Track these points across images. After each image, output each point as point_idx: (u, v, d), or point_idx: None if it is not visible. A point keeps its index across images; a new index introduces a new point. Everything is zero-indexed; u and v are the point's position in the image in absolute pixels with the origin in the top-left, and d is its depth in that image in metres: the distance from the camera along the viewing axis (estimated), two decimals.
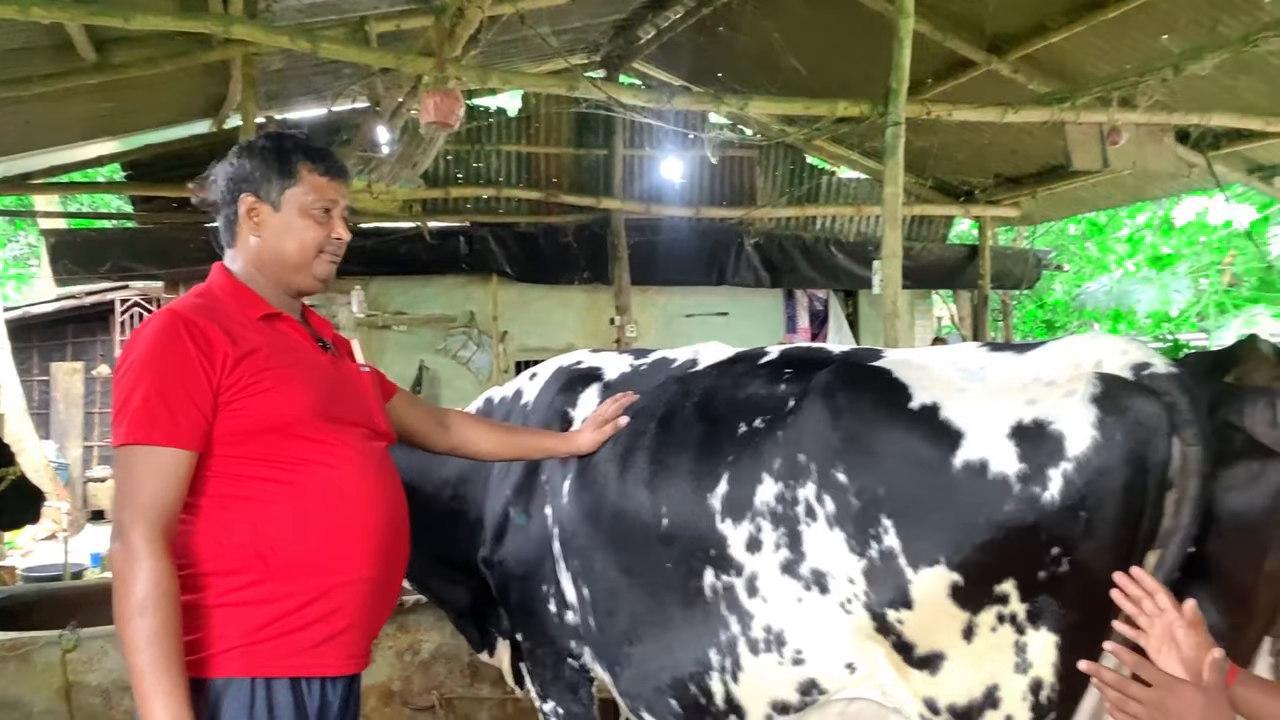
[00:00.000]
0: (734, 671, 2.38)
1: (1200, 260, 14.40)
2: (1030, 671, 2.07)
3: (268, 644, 2.02)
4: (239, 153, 2.27)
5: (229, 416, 2.04)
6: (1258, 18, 6.61)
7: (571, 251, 10.14)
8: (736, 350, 2.88)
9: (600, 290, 10.44)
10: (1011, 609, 2.06)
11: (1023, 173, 10.46)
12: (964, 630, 2.10)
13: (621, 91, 5.86)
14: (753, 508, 2.33)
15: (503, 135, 10.15)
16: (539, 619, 2.94)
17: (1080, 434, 2.00)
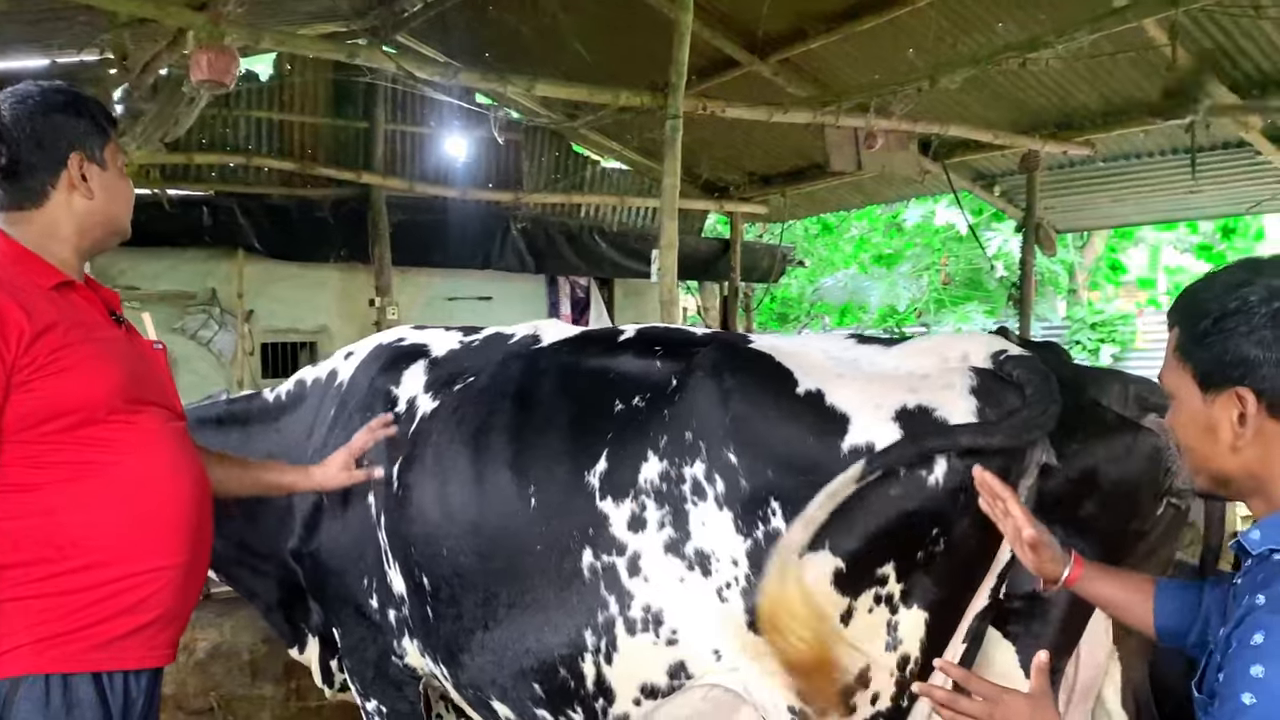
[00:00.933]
0: (608, 653, 2.35)
1: (921, 261, 15.79)
2: (900, 649, 2.16)
3: (65, 638, 1.89)
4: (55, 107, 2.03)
5: (24, 399, 1.86)
6: (992, 40, 7.28)
7: (328, 228, 9.63)
8: (582, 329, 2.84)
9: (358, 270, 9.99)
10: (888, 590, 2.13)
11: (774, 172, 10.99)
12: (843, 615, 2.15)
13: (404, 64, 5.62)
14: (637, 485, 2.30)
15: (253, 100, 9.48)
16: (359, 615, 2.78)
17: (963, 420, 2.11)
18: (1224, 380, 1.46)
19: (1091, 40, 5.95)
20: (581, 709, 2.44)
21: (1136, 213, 10.05)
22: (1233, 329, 1.43)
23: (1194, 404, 1.51)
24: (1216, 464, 1.51)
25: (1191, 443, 1.54)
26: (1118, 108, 7.91)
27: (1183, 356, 1.51)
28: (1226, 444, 1.48)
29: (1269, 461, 1.45)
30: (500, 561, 2.47)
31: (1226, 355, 1.44)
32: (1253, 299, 1.42)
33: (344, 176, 9.60)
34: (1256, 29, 6.32)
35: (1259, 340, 1.41)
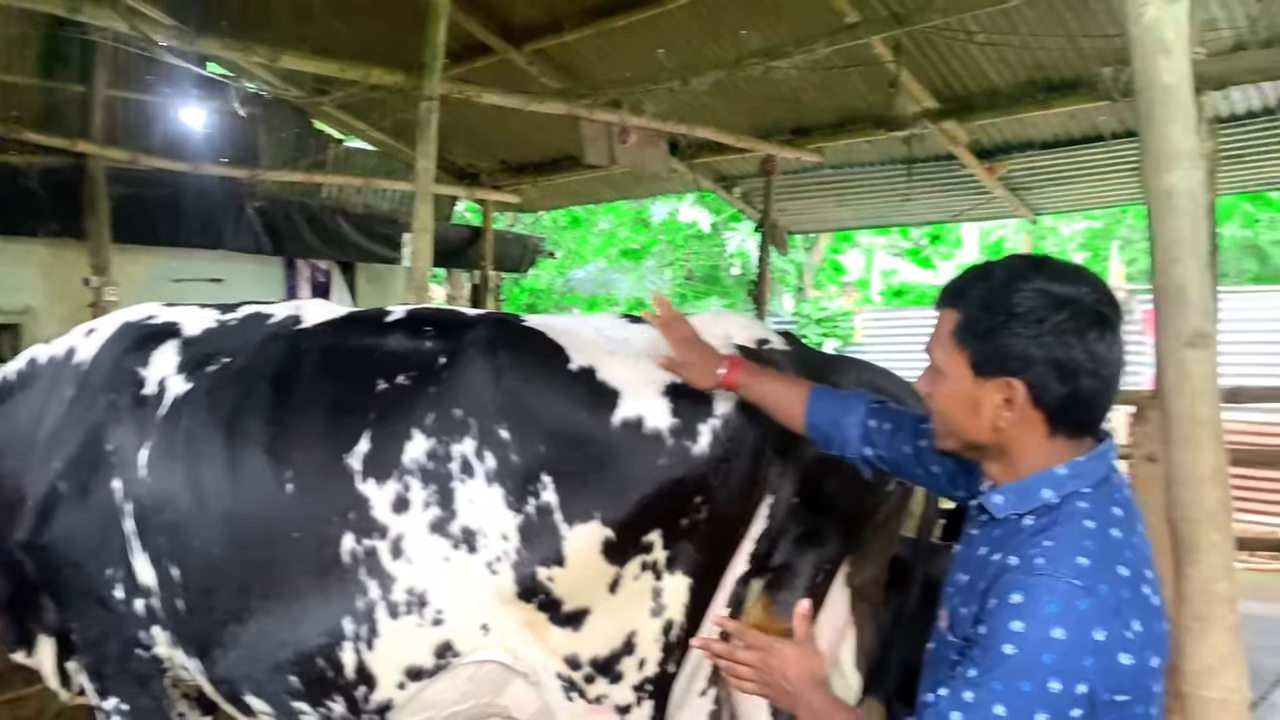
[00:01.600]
0: (370, 639, 2.31)
1: (665, 256, 16.32)
2: (664, 614, 2.27)
3: None
4: None
5: None
6: (737, 47, 7.63)
7: (35, 198, 8.67)
8: (347, 309, 2.76)
9: (68, 246, 9.09)
10: (654, 557, 2.24)
11: (526, 161, 11.00)
12: (611, 583, 2.23)
13: (139, 25, 5.18)
14: (400, 466, 2.27)
15: None
16: (101, 608, 2.60)
17: (726, 395, 2.24)
18: (999, 370, 1.60)
19: (826, 53, 6.38)
20: (342, 698, 2.39)
21: (858, 217, 10.84)
22: (1018, 330, 1.57)
23: (963, 383, 1.65)
24: (971, 434, 1.67)
25: (951, 413, 1.70)
26: (846, 118, 8.50)
27: (961, 341, 1.65)
28: (987, 421, 1.63)
29: (1021, 441, 1.63)
30: (255, 550, 2.39)
31: (1007, 350, 1.59)
32: (1040, 306, 1.57)
33: (56, 143, 8.68)
34: (966, 53, 6.99)
35: (1040, 344, 1.56)
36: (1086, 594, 1.46)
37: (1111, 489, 1.61)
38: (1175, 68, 1.87)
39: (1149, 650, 1.48)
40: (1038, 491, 1.61)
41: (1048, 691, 1.44)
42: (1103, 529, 1.54)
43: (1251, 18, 5.66)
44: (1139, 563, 1.53)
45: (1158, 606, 1.53)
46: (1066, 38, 6.37)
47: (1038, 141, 8.20)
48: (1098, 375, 1.57)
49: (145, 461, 2.52)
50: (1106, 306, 1.59)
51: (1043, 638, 1.45)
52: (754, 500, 2.31)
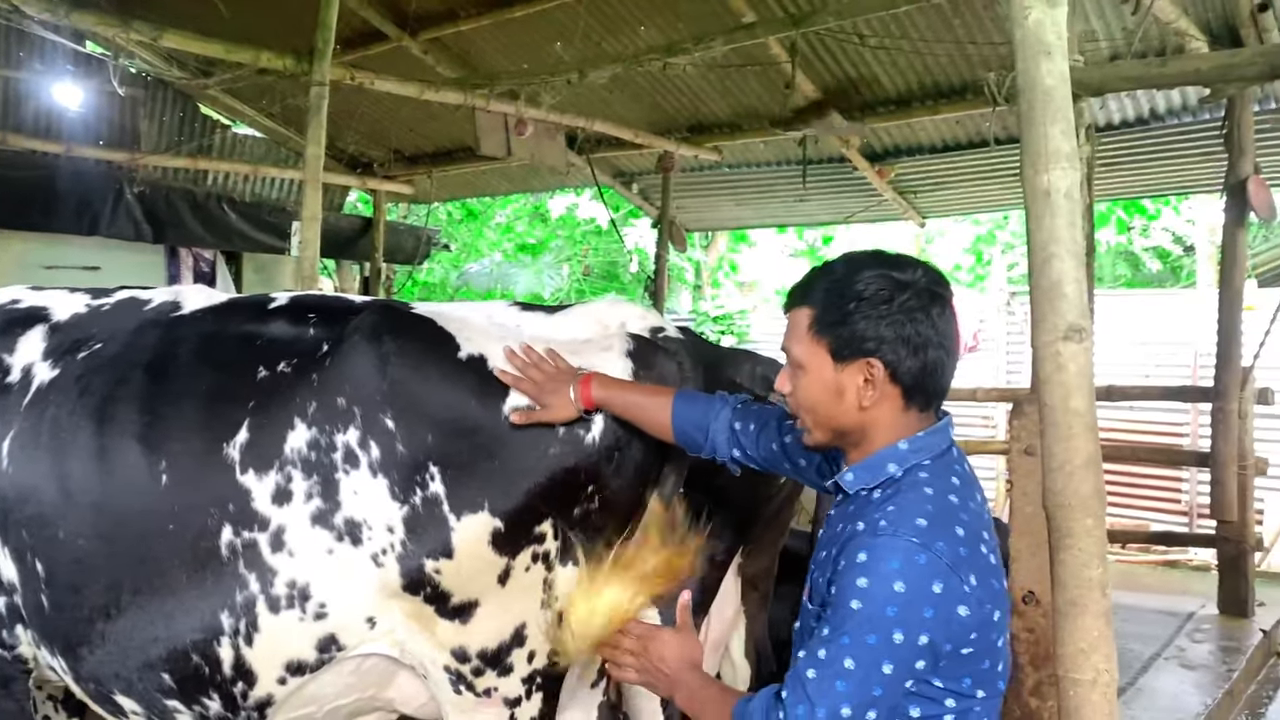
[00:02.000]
0: (248, 634, 2.24)
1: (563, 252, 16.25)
2: (555, 605, 2.25)
3: None
4: None
5: None
6: (635, 42, 7.66)
7: None
8: (230, 295, 2.66)
9: None
10: (545, 548, 2.22)
11: (420, 152, 10.83)
12: (500, 575, 2.20)
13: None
14: (282, 456, 2.21)
15: None
16: None
17: None
18: (857, 352, 1.74)
19: (723, 51, 6.43)
20: (218, 695, 2.31)
21: (754, 216, 10.99)
22: (869, 312, 1.72)
23: (825, 371, 1.78)
24: (839, 420, 1.80)
25: (817, 404, 1.81)
26: (743, 117, 8.60)
27: (818, 333, 1.78)
28: (852, 404, 1.76)
29: (879, 417, 1.77)
30: (126, 544, 2.28)
31: (862, 332, 1.73)
32: (886, 289, 1.72)
33: None
34: (859, 56, 7.14)
35: (891, 322, 1.71)
36: (924, 550, 1.59)
37: (950, 461, 1.76)
38: (1055, 70, 1.94)
39: (988, 604, 1.63)
40: (884, 466, 1.75)
41: (892, 643, 1.57)
42: (940, 495, 1.68)
43: (1128, 30, 5.91)
44: (975, 525, 1.67)
45: (995, 565, 1.68)
46: (954, 44, 6.56)
47: (926, 146, 8.44)
48: (943, 347, 1.74)
49: (7, 452, 2.40)
50: (940, 286, 1.77)
51: (885, 592, 1.58)
52: (646, 490, 2.31)
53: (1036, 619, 3.42)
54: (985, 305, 12.07)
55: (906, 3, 5.65)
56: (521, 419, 2.15)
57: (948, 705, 1.67)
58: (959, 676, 1.66)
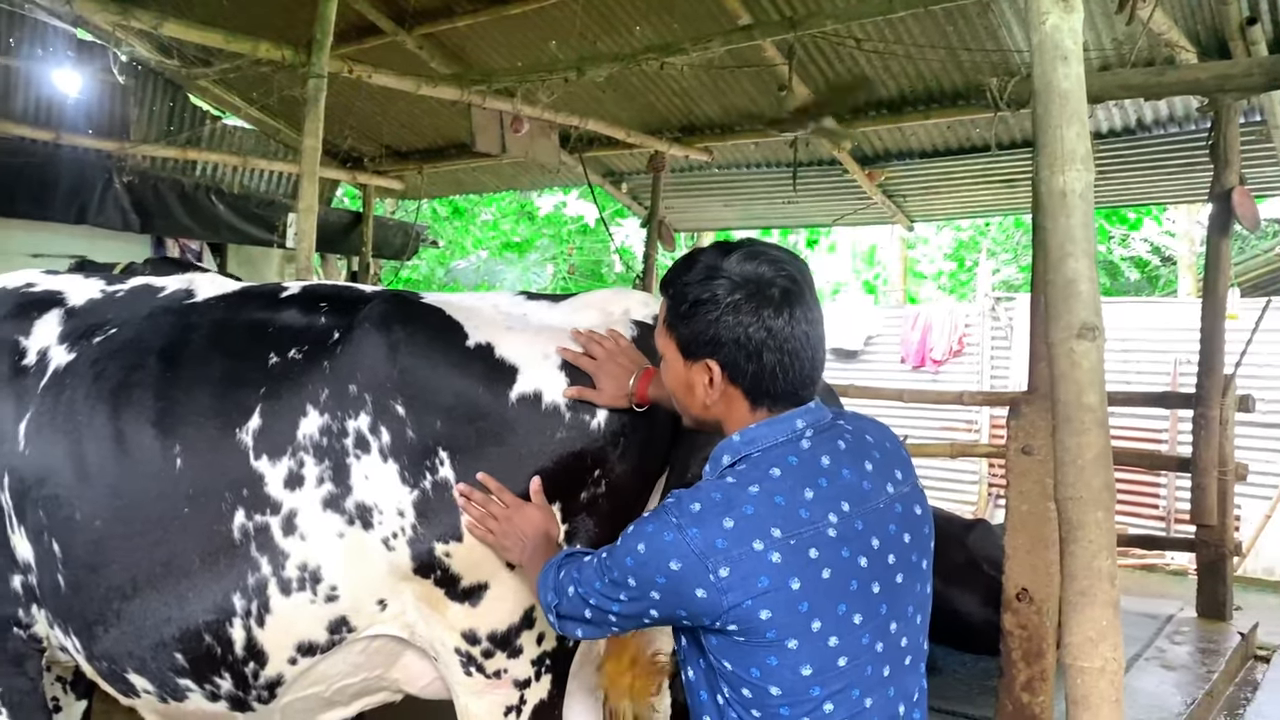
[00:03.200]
0: (260, 615, 2.27)
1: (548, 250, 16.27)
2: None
3: None
4: None
5: None
6: (630, 42, 7.69)
7: None
8: (243, 284, 2.69)
9: None
10: (551, 512, 2.24)
11: (411, 147, 10.83)
12: None
13: None
14: (295, 442, 2.24)
15: None
16: None
17: None
18: (698, 352, 1.76)
19: (719, 53, 6.48)
20: (230, 675, 2.33)
21: (743, 217, 11.03)
22: (704, 315, 1.73)
23: (677, 366, 1.82)
24: (695, 411, 1.85)
25: (675, 392, 1.88)
26: (735, 119, 8.66)
27: (669, 327, 1.81)
28: (700, 399, 1.80)
29: (728, 413, 1.80)
30: (140, 525, 2.31)
31: (700, 335, 1.75)
32: (719, 291, 1.72)
33: None
34: (853, 60, 7.20)
35: (724, 325, 1.72)
36: (676, 530, 1.66)
37: (786, 451, 1.74)
38: (1072, 73, 1.98)
39: (738, 594, 1.62)
40: (720, 457, 1.79)
41: (628, 584, 1.72)
42: (739, 486, 1.69)
43: (1118, 40, 6.00)
44: (764, 519, 1.65)
45: (773, 562, 1.63)
46: (948, 50, 6.63)
47: (916, 150, 8.51)
48: (782, 349, 1.72)
49: (24, 434, 2.42)
50: (787, 282, 1.73)
51: (630, 546, 1.72)
52: (653, 475, 2.35)
53: (1030, 616, 3.48)
54: (969, 311, 12.19)
55: (904, 8, 5.70)
56: (574, 394, 2.19)
57: (744, 695, 1.68)
58: (743, 663, 1.67)
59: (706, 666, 1.76)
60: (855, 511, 1.71)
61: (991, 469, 11.08)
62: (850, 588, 1.68)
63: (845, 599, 1.67)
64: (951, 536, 5.45)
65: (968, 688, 4.87)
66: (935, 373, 11.99)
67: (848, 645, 1.68)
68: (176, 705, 2.43)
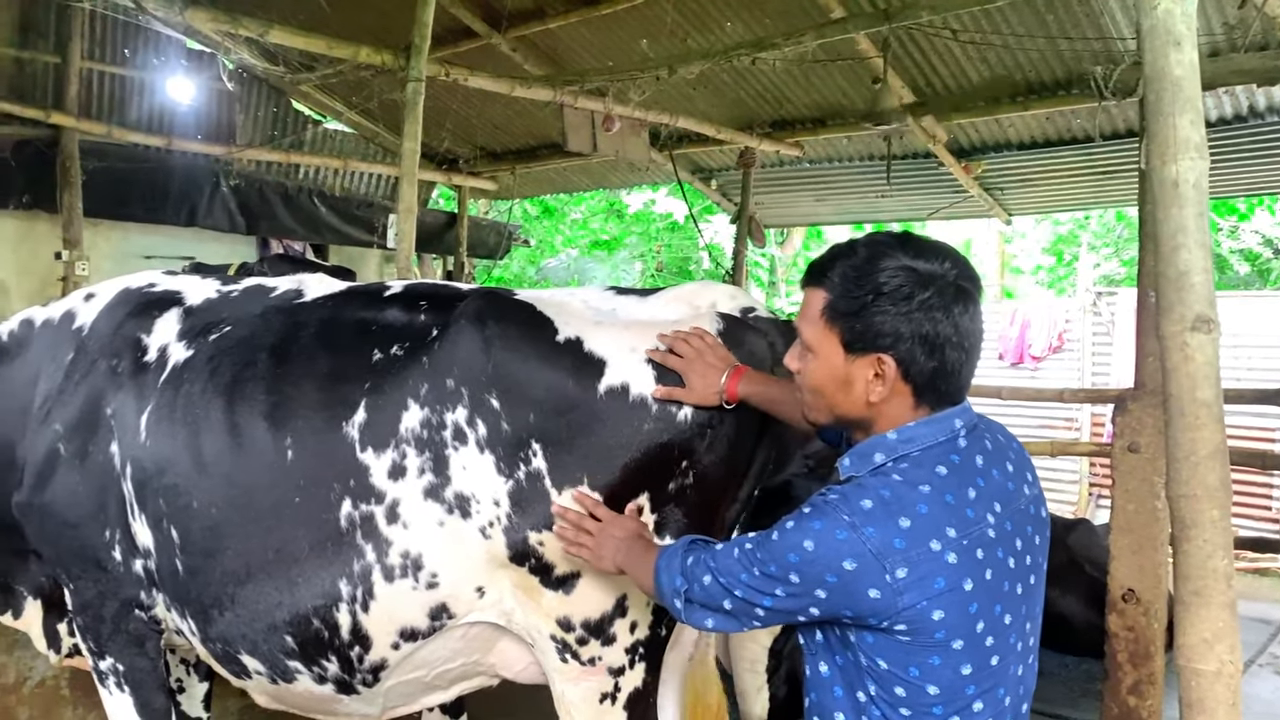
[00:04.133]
0: (365, 601, 2.34)
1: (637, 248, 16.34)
2: None
3: None
4: None
5: None
6: (721, 38, 7.67)
7: (8, 170, 8.56)
8: (348, 284, 2.78)
9: (39, 219, 8.97)
10: (643, 521, 2.26)
11: (504, 148, 10.99)
12: None
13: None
14: (397, 434, 2.30)
15: None
16: (98, 568, 2.62)
17: None
18: (870, 347, 1.67)
19: (812, 47, 6.42)
20: (336, 658, 2.41)
21: (834, 213, 10.93)
22: (888, 308, 1.65)
23: (835, 360, 1.72)
24: (843, 409, 1.76)
25: (822, 389, 1.77)
26: (826, 113, 8.57)
27: (831, 320, 1.71)
28: (859, 396, 1.71)
29: (886, 411, 1.72)
30: (254, 513, 2.40)
31: (877, 328, 1.66)
32: (905, 284, 1.64)
33: (30, 114, 8.55)
34: (949, 52, 7.07)
35: (909, 320, 1.64)
36: (850, 529, 1.60)
37: (946, 451, 1.69)
38: (1185, 59, 1.92)
39: (914, 594, 1.58)
40: (872, 455, 1.72)
41: (789, 581, 1.65)
42: (908, 484, 1.64)
43: (1229, 25, 5.77)
44: (938, 519, 1.61)
45: (949, 563, 1.60)
46: (1047, 39, 6.46)
47: (1014, 143, 8.33)
48: (962, 347, 1.67)
49: (145, 426, 2.53)
50: (968, 281, 1.68)
51: (796, 542, 1.64)
52: (741, 466, 2.36)
53: (1136, 617, 3.38)
54: (1069, 306, 11.85)
55: None
56: (663, 394, 2.20)
57: (896, 693, 1.65)
58: (902, 663, 1.64)
59: (847, 663, 1.71)
60: (1005, 513, 1.70)
61: (1093, 468, 10.76)
62: (1003, 588, 1.67)
63: (1000, 599, 1.66)
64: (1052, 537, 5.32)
65: (1070, 691, 4.75)
66: (1034, 370, 11.69)
67: (1000, 645, 1.67)
68: (286, 687, 2.52)
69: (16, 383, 2.78)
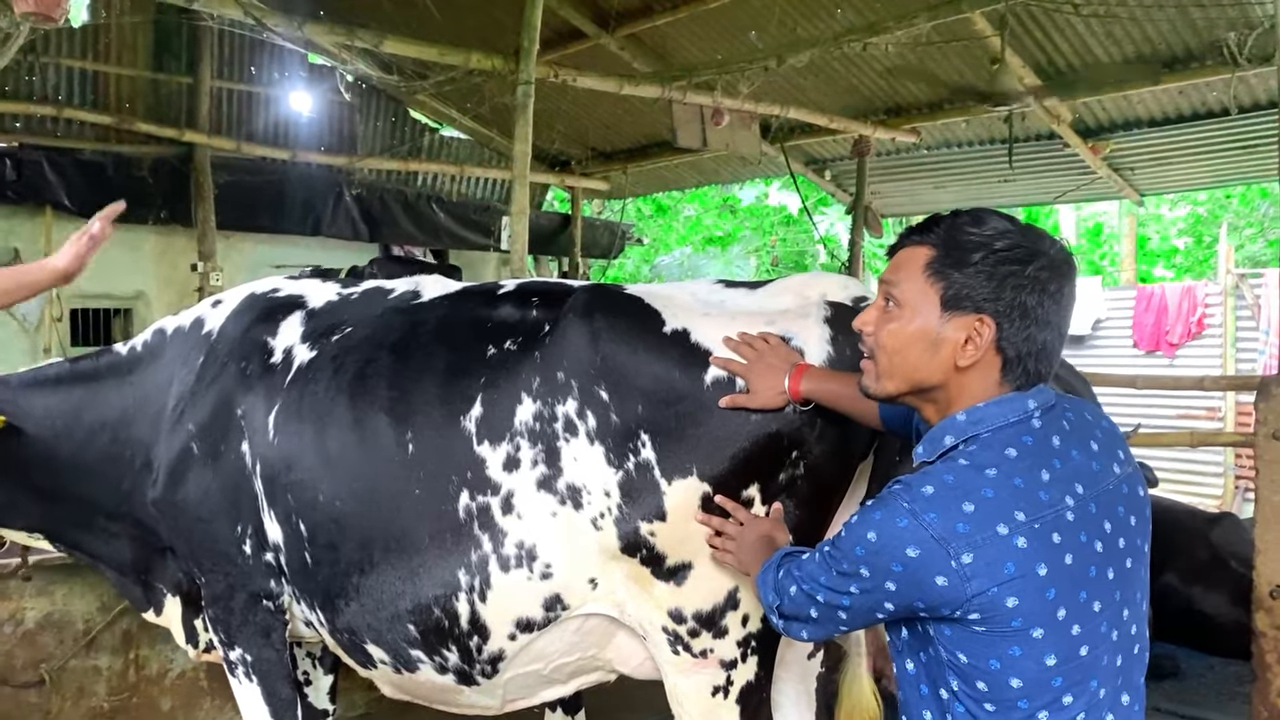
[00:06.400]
0: (483, 591, 2.37)
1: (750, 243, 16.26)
2: None
3: None
4: None
5: None
6: (830, 25, 7.55)
7: (146, 187, 9.04)
8: (462, 284, 2.84)
9: (176, 232, 9.45)
10: (776, 521, 2.23)
11: (615, 148, 11.06)
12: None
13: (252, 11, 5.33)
14: (512, 427, 2.33)
15: (64, 47, 8.80)
16: (229, 562, 2.72)
17: (817, 347, 2.26)
18: (972, 306, 1.61)
19: (926, 29, 6.27)
20: (456, 648, 2.45)
21: (955, 199, 10.62)
22: (997, 267, 1.59)
23: (928, 318, 1.65)
24: (923, 374, 1.68)
25: (905, 349, 1.68)
26: (943, 97, 8.35)
27: (934, 274, 1.63)
28: (946, 359, 1.64)
29: (968, 382, 1.65)
30: (378, 506, 2.47)
31: (985, 288, 1.59)
32: (1020, 249, 1.60)
33: (165, 134, 9.03)
34: (1070, 27, 6.80)
35: (1015, 285, 1.58)
36: (910, 516, 1.56)
37: (1019, 432, 1.62)
38: None
39: (982, 580, 1.52)
40: (942, 439, 1.66)
41: (860, 575, 1.63)
42: (973, 468, 1.59)
43: None
44: (1005, 502, 1.55)
45: (1019, 547, 1.53)
46: (1178, 8, 6.15)
47: (1145, 119, 7.96)
48: (1057, 329, 1.63)
49: (274, 425, 2.62)
50: (1070, 265, 1.64)
51: (860, 535, 1.62)
52: (855, 458, 2.30)
53: None
54: (1209, 289, 11.27)
55: None
56: (728, 403, 2.18)
57: (979, 688, 1.58)
58: (982, 655, 1.57)
59: (930, 659, 1.67)
60: (1089, 494, 1.62)
61: (1238, 460, 10.20)
62: (1089, 574, 1.59)
63: (1085, 585, 1.58)
64: (1194, 531, 5.07)
65: (1216, 693, 4.51)
66: (1171, 357, 11.16)
67: (1089, 634, 1.59)
68: (409, 676, 2.57)
69: (151, 388, 2.91)
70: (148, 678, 3.88)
